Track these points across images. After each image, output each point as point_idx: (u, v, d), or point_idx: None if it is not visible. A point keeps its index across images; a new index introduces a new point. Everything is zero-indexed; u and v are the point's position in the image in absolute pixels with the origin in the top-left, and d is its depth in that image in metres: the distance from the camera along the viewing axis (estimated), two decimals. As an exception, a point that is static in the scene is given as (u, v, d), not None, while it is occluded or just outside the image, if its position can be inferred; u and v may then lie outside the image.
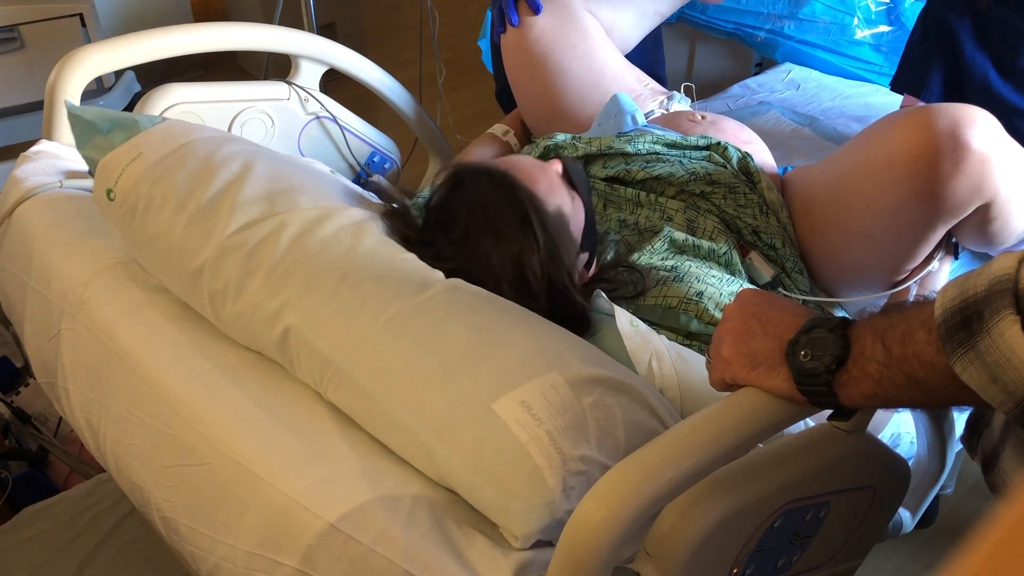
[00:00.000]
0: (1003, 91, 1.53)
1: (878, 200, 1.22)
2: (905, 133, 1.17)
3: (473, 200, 1.08)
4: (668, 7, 1.78)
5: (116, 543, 1.45)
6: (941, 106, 1.17)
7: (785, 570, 0.86)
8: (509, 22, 1.59)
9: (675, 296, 1.15)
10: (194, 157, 1.08)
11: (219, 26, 1.50)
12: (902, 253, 1.27)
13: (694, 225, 1.29)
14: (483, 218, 1.06)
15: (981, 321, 0.61)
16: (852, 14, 2.07)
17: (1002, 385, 0.61)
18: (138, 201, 1.06)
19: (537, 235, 1.05)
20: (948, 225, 1.21)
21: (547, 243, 1.06)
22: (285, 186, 1.07)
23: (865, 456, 0.86)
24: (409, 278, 0.96)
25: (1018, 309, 0.60)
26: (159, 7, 2.89)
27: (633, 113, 1.49)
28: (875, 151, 1.22)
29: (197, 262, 1.01)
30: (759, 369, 0.76)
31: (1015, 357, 0.59)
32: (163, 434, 0.95)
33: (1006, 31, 1.53)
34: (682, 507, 0.73)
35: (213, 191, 1.04)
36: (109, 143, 1.12)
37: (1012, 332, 0.59)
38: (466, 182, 1.10)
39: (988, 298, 0.61)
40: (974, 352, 0.61)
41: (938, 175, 1.14)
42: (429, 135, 1.78)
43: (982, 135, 1.13)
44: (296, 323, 0.94)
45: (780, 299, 0.82)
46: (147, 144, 1.10)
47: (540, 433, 0.80)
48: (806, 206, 1.35)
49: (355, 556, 0.79)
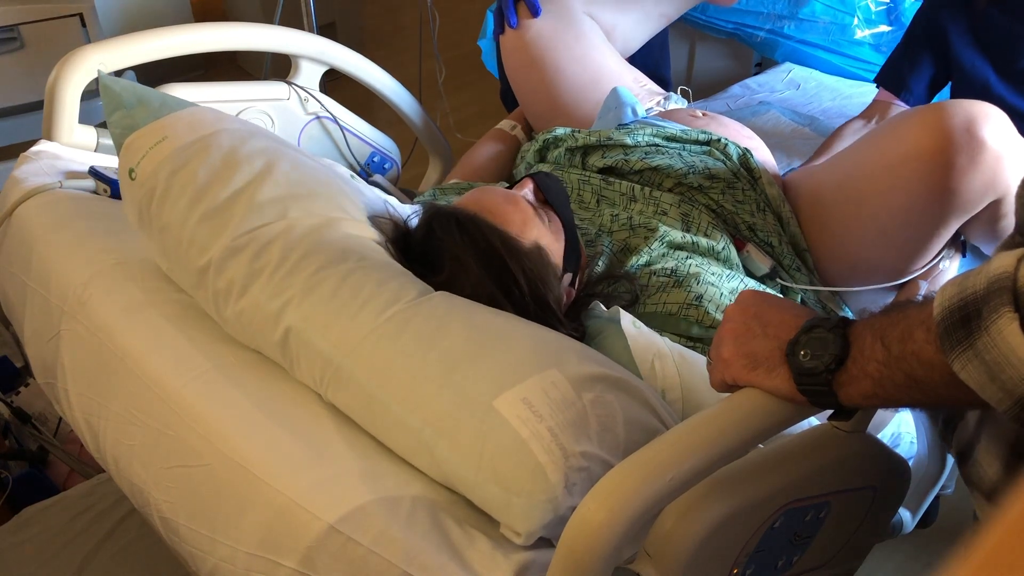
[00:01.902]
0: (1003, 93, 1.53)
1: (893, 197, 1.23)
2: (920, 130, 1.18)
3: (445, 248, 1.05)
4: (674, 10, 1.79)
5: (116, 543, 1.45)
6: (954, 103, 1.18)
7: (785, 570, 0.86)
8: (508, 23, 1.61)
9: (675, 302, 1.15)
10: (217, 149, 1.07)
11: (219, 26, 1.50)
12: (914, 249, 1.28)
13: (689, 219, 1.29)
14: (457, 267, 1.03)
15: (980, 319, 0.61)
16: (852, 14, 2.07)
17: (1000, 383, 0.61)
18: (156, 187, 1.05)
19: (517, 278, 1.03)
20: (961, 221, 1.23)
21: (527, 283, 1.03)
22: (303, 191, 1.06)
23: (865, 456, 0.86)
24: (410, 281, 0.97)
25: (1016, 307, 0.59)
26: (159, 7, 2.89)
27: (633, 105, 1.49)
28: (889, 148, 1.23)
29: (204, 259, 1.01)
30: (759, 369, 0.76)
31: (1013, 355, 0.59)
32: (163, 435, 0.95)
33: (1004, 34, 1.53)
34: (682, 508, 0.73)
35: (231, 189, 1.03)
36: (131, 119, 1.11)
37: (1011, 330, 0.59)
38: (437, 231, 1.07)
39: (987, 296, 0.61)
40: (972, 350, 0.61)
41: (953, 170, 1.16)
42: (429, 135, 1.79)
43: (996, 132, 1.15)
44: (297, 323, 0.94)
45: (781, 300, 0.83)
46: (173, 128, 1.09)
47: (542, 429, 0.80)
48: (815, 205, 1.35)
49: (355, 557, 0.79)
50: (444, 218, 1.07)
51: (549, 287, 1.06)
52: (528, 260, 1.06)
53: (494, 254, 1.04)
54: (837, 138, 1.64)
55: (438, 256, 1.05)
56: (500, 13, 1.64)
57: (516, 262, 1.04)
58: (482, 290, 1.01)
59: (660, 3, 1.76)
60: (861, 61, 2.07)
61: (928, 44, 1.62)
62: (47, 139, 1.35)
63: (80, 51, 1.33)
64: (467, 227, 1.05)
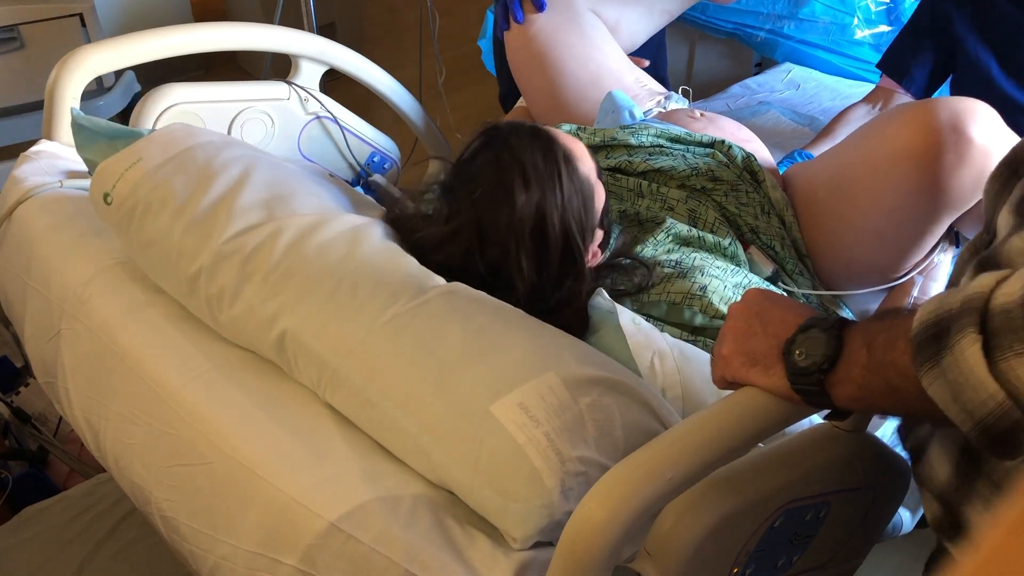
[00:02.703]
0: (1005, 86, 1.52)
1: (883, 197, 1.22)
2: (907, 128, 1.18)
3: (508, 147, 1.07)
4: (677, 6, 1.79)
5: (116, 543, 1.45)
6: (942, 100, 1.18)
7: (785, 570, 0.86)
8: (514, 18, 1.61)
9: (679, 292, 1.15)
10: (193, 163, 1.08)
11: (219, 26, 1.50)
12: (908, 247, 1.28)
13: (696, 215, 1.28)
14: (515, 163, 1.05)
15: (947, 337, 0.60)
16: (852, 14, 2.07)
17: (961, 404, 0.60)
18: (136, 206, 1.06)
19: (564, 187, 1.05)
20: (952, 217, 1.22)
21: (572, 197, 1.05)
22: (284, 192, 1.07)
23: (865, 456, 0.86)
24: (406, 282, 0.96)
25: (982, 329, 0.59)
26: (159, 7, 2.89)
27: (630, 108, 1.49)
28: (877, 147, 1.23)
29: (194, 267, 1.01)
30: (757, 367, 0.76)
31: (972, 376, 0.59)
32: (163, 434, 0.95)
33: (1009, 24, 1.52)
34: (682, 507, 0.73)
35: (211, 197, 1.04)
36: (112, 148, 1.12)
37: (972, 351, 0.58)
38: (503, 131, 1.09)
39: (958, 315, 0.60)
40: (939, 368, 0.61)
41: (942, 168, 1.15)
42: (429, 135, 1.79)
43: (983, 128, 1.14)
44: (293, 326, 0.94)
45: (784, 299, 0.82)
46: (147, 149, 1.10)
47: (538, 435, 0.80)
48: (809, 204, 1.35)
49: (356, 555, 0.79)
50: (513, 123, 1.10)
51: (588, 212, 1.08)
52: (579, 178, 1.07)
53: (554, 157, 1.06)
54: (841, 123, 1.64)
55: (496, 157, 1.06)
56: (504, 8, 1.64)
57: (569, 172, 1.06)
58: (531, 192, 1.03)
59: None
60: (861, 61, 2.07)
61: (932, 32, 1.61)
62: (47, 139, 1.35)
63: (80, 51, 1.33)
64: (538, 131, 1.09)
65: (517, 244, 1.02)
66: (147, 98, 1.41)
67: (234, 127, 1.50)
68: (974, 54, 1.56)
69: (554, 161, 1.06)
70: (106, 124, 1.17)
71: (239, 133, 1.50)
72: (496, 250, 1.04)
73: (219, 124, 1.47)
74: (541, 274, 1.03)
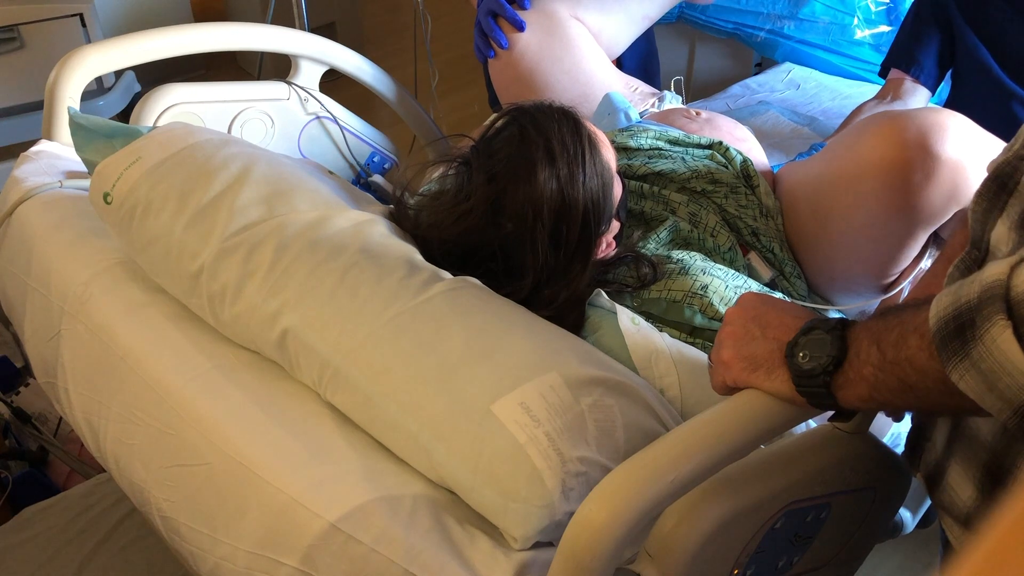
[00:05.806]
0: (1001, 76, 1.52)
1: (855, 214, 1.21)
2: (874, 144, 1.15)
3: (535, 122, 1.07)
4: (656, 10, 1.78)
5: (116, 543, 1.45)
6: (910, 114, 1.15)
7: (786, 571, 0.86)
8: (499, 45, 1.59)
9: (680, 289, 1.14)
10: (192, 161, 1.08)
11: (219, 26, 1.50)
12: (887, 260, 1.26)
13: (697, 219, 1.28)
14: (541, 138, 1.05)
15: (974, 328, 0.60)
16: (852, 14, 2.07)
17: (998, 393, 0.60)
18: (136, 204, 1.06)
19: (587, 168, 1.05)
20: (929, 231, 1.20)
21: (593, 179, 1.05)
22: (284, 188, 1.06)
23: (866, 457, 0.86)
24: (408, 280, 0.96)
25: (1010, 315, 0.59)
26: (159, 7, 2.89)
27: (626, 110, 1.49)
28: (849, 162, 1.21)
29: (196, 264, 1.01)
30: (759, 371, 0.76)
31: (1007, 362, 0.59)
32: (163, 434, 0.95)
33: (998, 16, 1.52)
34: (683, 508, 0.73)
35: (212, 194, 1.04)
36: (110, 147, 1.12)
37: (1004, 337, 0.59)
38: (529, 108, 1.09)
39: (979, 305, 0.60)
40: (969, 360, 0.61)
41: (910, 187, 1.13)
42: (429, 135, 1.78)
43: (954, 142, 1.10)
44: (295, 325, 0.94)
45: (781, 302, 0.82)
46: (146, 148, 1.10)
47: (539, 434, 0.80)
48: (792, 215, 1.35)
49: (356, 556, 0.79)
50: (542, 103, 1.11)
51: (607, 197, 1.08)
52: (602, 163, 1.07)
53: (580, 137, 1.06)
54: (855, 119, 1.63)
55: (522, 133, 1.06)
56: (484, 34, 1.61)
57: (592, 154, 1.06)
58: (554, 169, 1.03)
59: (642, 4, 1.75)
60: (861, 61, 2.07)
61: (934, 20, 1.61)
62: (47, 139, 1.35)
63: (80, 51, 1.33)
64: (566, 111, 1.09)
65: (535, 218, 1.02)
66: (147, 98, 1.41)
67: (234, 127, 1.50)
68: (972, 44, 1.55)
69: (579, 141, 1.06)
70: (104, 122, 1.17)
71: (239, 133, 1.50)
72: (512, 224, 1.03)
73: (219, 124, 1.47)
74: (556, 253, 1.02)
